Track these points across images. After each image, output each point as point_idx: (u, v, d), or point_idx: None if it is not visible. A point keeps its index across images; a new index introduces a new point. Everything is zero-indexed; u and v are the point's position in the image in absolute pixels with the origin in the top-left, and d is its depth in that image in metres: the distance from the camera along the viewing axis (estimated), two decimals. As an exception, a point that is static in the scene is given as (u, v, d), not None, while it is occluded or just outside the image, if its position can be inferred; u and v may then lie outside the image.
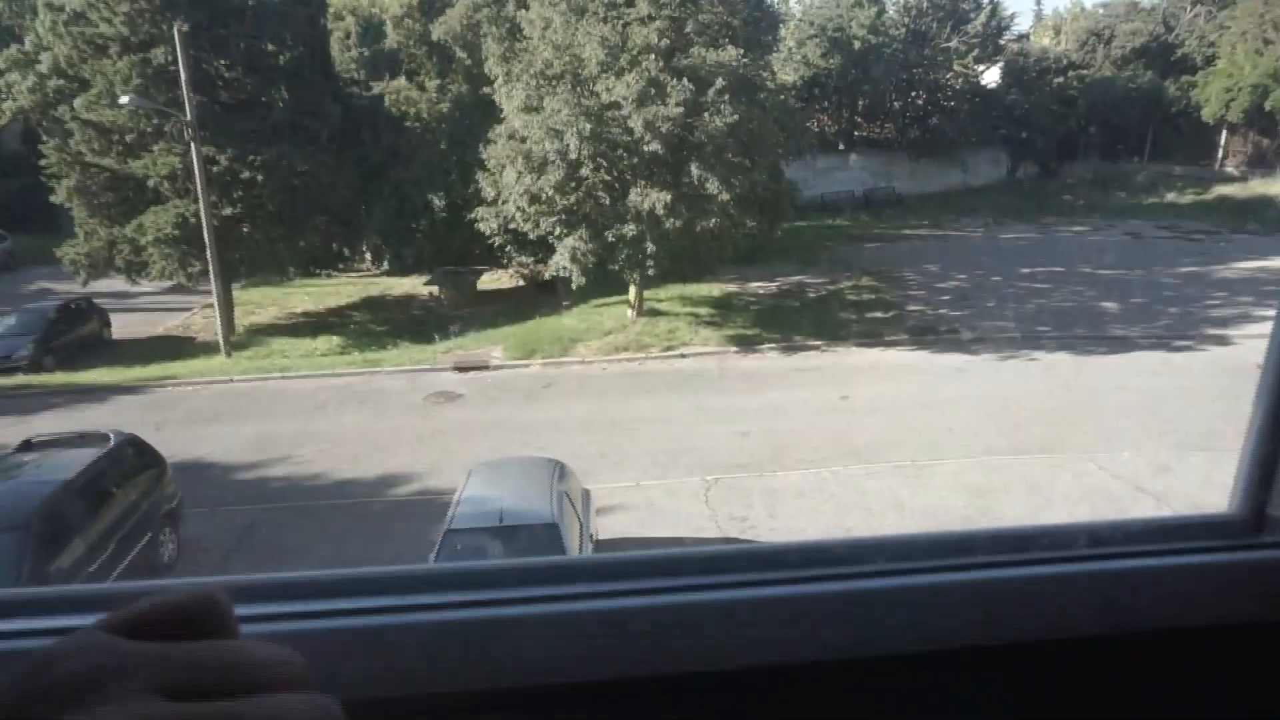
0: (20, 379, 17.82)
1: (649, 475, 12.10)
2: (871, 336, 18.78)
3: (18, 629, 0.79)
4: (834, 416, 14.36)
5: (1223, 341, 17.57)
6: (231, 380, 17.56)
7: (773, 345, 18.46)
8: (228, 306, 20.82)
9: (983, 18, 36.70)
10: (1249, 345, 17.13)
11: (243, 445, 13.71)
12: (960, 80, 35.96)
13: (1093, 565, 0.90)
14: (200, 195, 19.01)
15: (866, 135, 37.34)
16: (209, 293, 20.60)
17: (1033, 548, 0.92)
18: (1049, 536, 0.93)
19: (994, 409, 14.31)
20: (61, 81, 21.71)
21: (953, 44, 35.40)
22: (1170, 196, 33.65)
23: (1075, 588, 0.89)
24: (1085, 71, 37.98)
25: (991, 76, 37.56)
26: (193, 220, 19.78)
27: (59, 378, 18.05)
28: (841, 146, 36.22)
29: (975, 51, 35.98)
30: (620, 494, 11.54)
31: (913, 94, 36.14)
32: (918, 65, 34.82)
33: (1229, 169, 36.68)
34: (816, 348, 18.36)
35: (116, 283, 22.57)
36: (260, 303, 25.16)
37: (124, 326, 22.22)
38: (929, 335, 18.73)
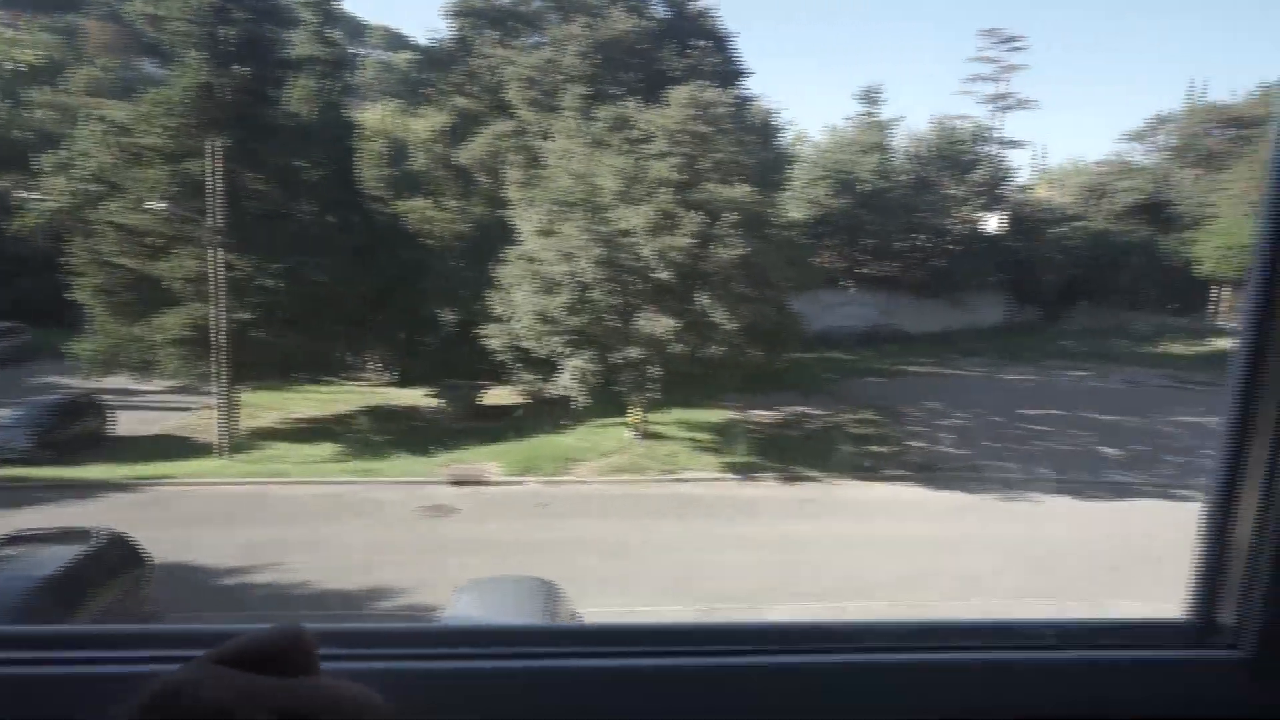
0: (13, 471, 17.71)
1: (643, 601, 11.82)
2: (872, 471, 18.68)
3: (110, 657, 0.88)
4: (836, 551, 14.12)
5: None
6: (227, 483, 17.45)
7: (773, 475, 18.35)
8: (231, 409, 20.90)
9: (985, 169, 38.24)
10: (1254, 499, 16.97)
11: (231, 550, 13.48)
12: (964, 225, 37.13)
13: (1056, 655, 1.02)
14: (217, 299, 19.41)
15: (872, 273, 38.25)
16: (214, 394, 20.72)
17: (997, 639, 1.04)
18: (1016, 628, 1.06)
19: (1001, 551, 14.08)
20: (97, 186, 22.60)
21: (956, 191, 36.74)
22: (1168, 346, 34.09)
23: (1038, 675, 1.00)
24: (1084, 223, 39.22)
25: (994, 224, 38.77)
26: (205, 323, 20.14)
27: (51, 472, 17.94)
28: (847, 283, 37.05)
29: (978, 199, 37.31)
30: (613, 620, 11.24)
31: (917, 236, 37.23)
32: (923, 209, 36.02)
33: (1223, 322, 37.29)
34: (816, 479, 18.24)
35: (123, 380, 22.76)
36: (264, 406, 25.25)
37: (125, 424, 22.26)
38: (930, 472, 18.62)
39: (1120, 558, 13.78)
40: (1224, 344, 33.83)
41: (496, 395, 25.87)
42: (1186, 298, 37.73)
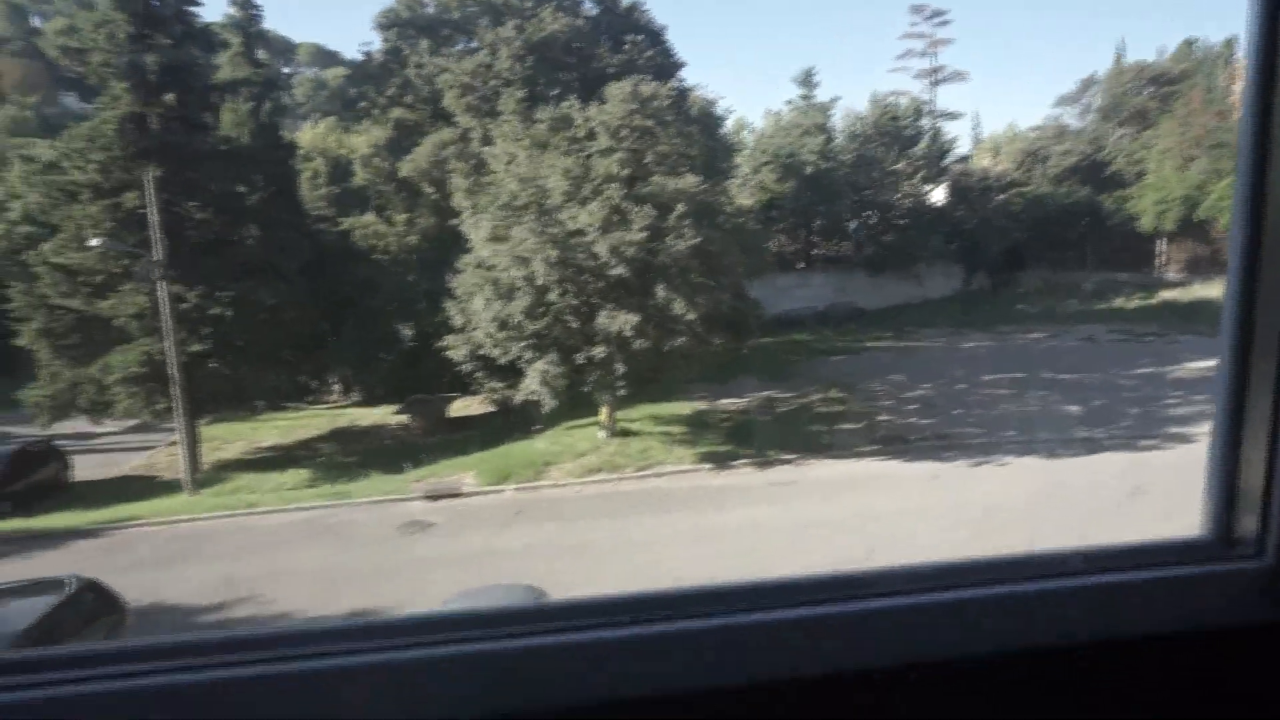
0: (-28, 528, 17.16)
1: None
2: (844, 448, 18.86)
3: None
4: (813, 531, 14.22)
5: (1185, 440, 17.86)
6: (196, 519, 17.09)
7: (746, 461, 18.45)
8: (193, 443, 20.47)
9: (925, 142, 38.83)
10: (1210, 441, 17.43)
11: (206, 586, 13.20)
12: (910, 200, 37.67)
13: (1082, 580, 1.08)
14: (168, 333, 18.99)
15: (824, 253, 38.68)
16: (174, 430, 20.28)
17: (1028, 570, 1.09)
18: (1044, 559, 1.11)
19: (969, 517, 14.30)
20: (31, 228, 21.97)
21: (899, 166, 37.25)
22: (1118, 302, 34.92)
23: (1067, 601, 1.06)
24: (1025, 188, 40.02)
25: (939, 195, 39.41)
26: (159, 358, 19.69)
27: (13, 524, 17.42)
28: (801, 265, 37.41)
29: (921, 173, 37.88)
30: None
31: (866, 213, 37.71)
32: (868, 187, 36.49)
33: (1169, 275, 38.31)
34: (790, 462, 18.37)
35: (80, 424, 22.18)
36: (227, 438, 24.79)
37: (86, 468, 21.68)
38: (900, 444, 18.86)
39: (1089, 510, 14.08)
40: (1171, 295, 34.79)
41: (464, 406, 25.68)
42: (1130, 253, 38.68)
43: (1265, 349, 1.07)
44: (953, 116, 52.75)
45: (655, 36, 30.82)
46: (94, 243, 19.39)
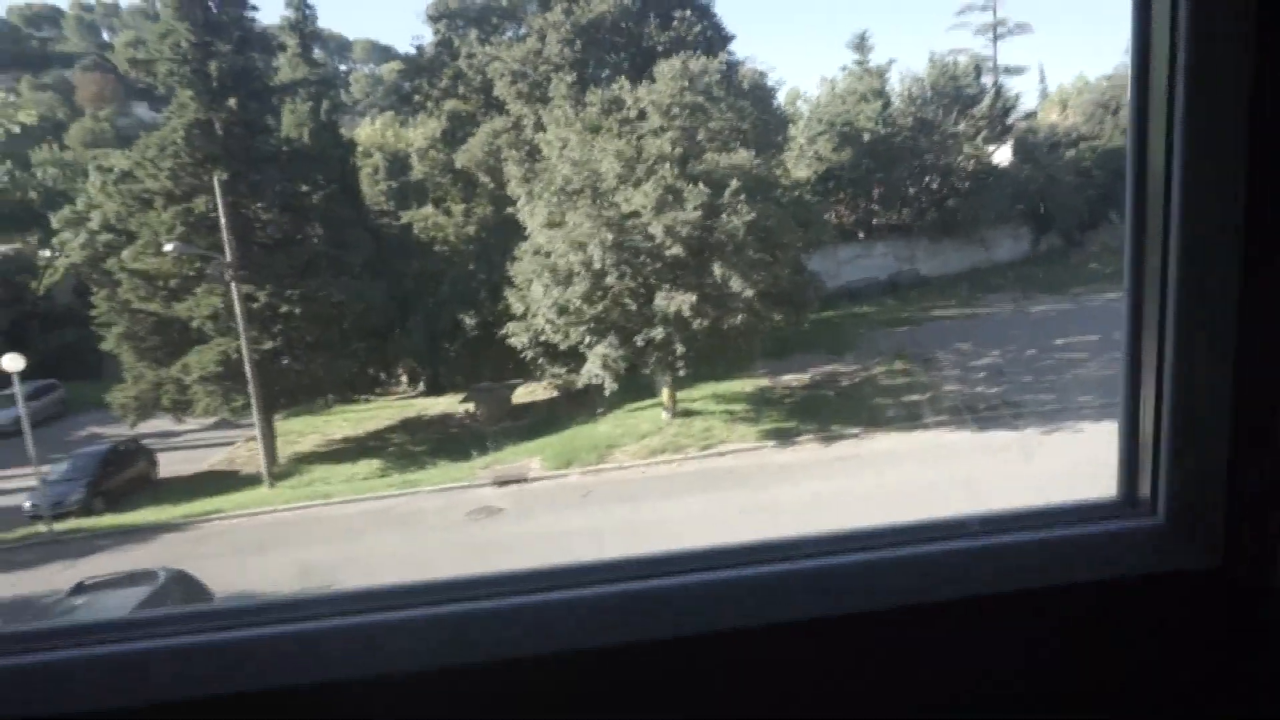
0: (71, 523, 18.13)
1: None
2: (910, 420, 18.55)
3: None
4: (878, 507, 14.06)
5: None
6: (275, 510, 17.75)
7: (811, 437, 18.29)
8: (270, 438, 21.21)
9: (987, 101, 37.55)
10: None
11: (285, 575, 13.72)
12: (972, 161, 36.50)
13: (984, 541, 1.22)
14: (241, 332, 19.66)
15: (885, 222, 37.80)
16: (252, 425, 21.03)
17: (929, 533, 1.24)
18: (941, 523, 1.26)
19: (1038, 484, 13.95)
20: (111, 236, 22.92)
21: (960, 128, 36.13)
22: (1199, 257, 33.38)
23: (966, 560, 1.19)
24: (1096, 142, 38.42)
25: (1003, 155, 38.09)
26: (234, 356, 20.41)
27: (108, 520, 18.37)
28: (861, 235, 36.66)
29: (984, 133, 36.63)
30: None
31: (926, 179, 36.70)
32: (928, 151, 35.48)
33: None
34: (855, 436, 18.16)
35: (163, 423, 23.15)
36: (301, 431, 25.58)
37: (170, 465, 22.67)
38: (968, 414, 18.46)
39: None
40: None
41: (528, 393, 26.00)
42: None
43: (1150, 330, 1.21)
44: (1016, 71, 50.66)
45: (704, 10, 30.39)
46: (169, 247, 20.14)
